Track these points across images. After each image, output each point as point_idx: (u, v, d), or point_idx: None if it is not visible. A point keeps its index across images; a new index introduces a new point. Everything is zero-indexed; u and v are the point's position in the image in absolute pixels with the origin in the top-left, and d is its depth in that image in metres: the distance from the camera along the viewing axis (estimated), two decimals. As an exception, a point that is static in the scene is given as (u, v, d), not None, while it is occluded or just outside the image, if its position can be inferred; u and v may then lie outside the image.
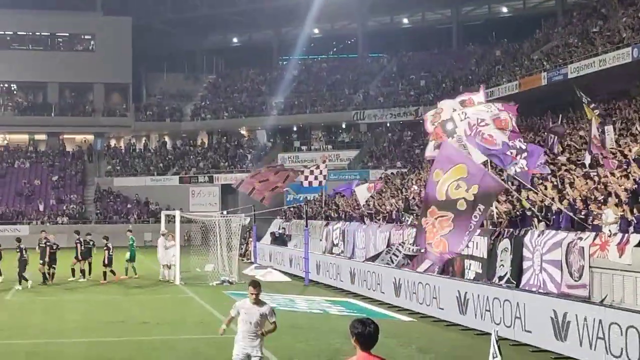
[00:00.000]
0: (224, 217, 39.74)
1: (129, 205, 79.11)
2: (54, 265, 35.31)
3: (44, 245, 35.35)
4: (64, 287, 33.79)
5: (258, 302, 12.25)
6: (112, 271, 36.47)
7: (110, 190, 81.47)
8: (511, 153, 23.55)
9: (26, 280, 33.36)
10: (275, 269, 39.94)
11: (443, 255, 21.77)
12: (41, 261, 35.00)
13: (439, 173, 21.91)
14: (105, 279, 36.02)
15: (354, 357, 7.77)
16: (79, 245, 36.54)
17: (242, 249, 44.48)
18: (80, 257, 36.39)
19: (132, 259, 38.52)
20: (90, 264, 36.93)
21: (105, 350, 18.67)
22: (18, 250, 33.87)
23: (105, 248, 36.36)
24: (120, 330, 21.73)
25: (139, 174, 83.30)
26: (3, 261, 34.97)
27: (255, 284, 12.34)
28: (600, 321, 16.17)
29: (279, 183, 44.10)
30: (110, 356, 17.80)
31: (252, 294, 12.19)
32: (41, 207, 76.80)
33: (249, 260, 46.40)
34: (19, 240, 35.11)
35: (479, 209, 20.75)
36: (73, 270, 36.77)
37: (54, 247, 35.61)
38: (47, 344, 19.56)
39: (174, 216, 37.31)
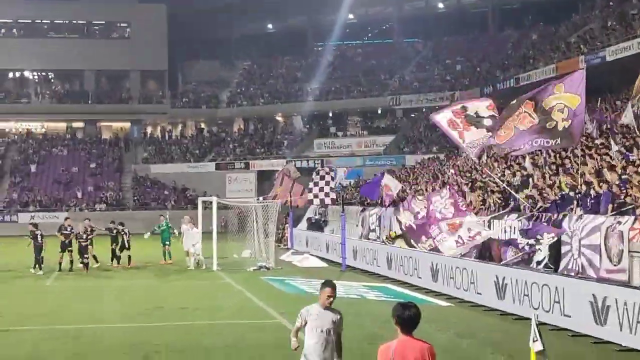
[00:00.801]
0: (260, 203, 39.88)
1: (165, 192, 79.56)
2: (85, 256, 35.20)
3: (68, 232, 35.38)
4: (102, 274, 34.09)
5: (331, 307, 10.27)
6: (129, 256, 36.97)
7: (147, 177, 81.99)
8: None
9: (40, 266, 33.80)
10: (312, 255, 40.04)
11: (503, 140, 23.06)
12: (69, 249, 35.09)
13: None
14: (129, 263, 36.73)
15: (391, 341, 7.83)
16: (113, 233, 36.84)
17: (278, 234, 44.59)
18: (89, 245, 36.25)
19: (164, 243, 38.60)
20: (113, 250, 37.12)
21: (147, 335, 18.85)
22: (32, 236, 34.26)
23: (122, 233, 36.79)
24: (160, 316, 21.92)
25: (176, 160, 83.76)
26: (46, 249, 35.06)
27: (333, 285, 10.27)
28: (640, 305, 16.06)
29: (298, 198, 44.64)
30: (149, 340, 17.96)
31: (328, 296, 10.14)
32: (79, 195, 77.47)
33: (286, 246, 46.55)
34: (35, 225, 35.49)
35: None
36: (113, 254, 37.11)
37: (84, 236, 35.52)
38: (88, 329, 19.77)
39: (211, 202, 37.51)
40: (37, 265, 33.83)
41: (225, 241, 38.99)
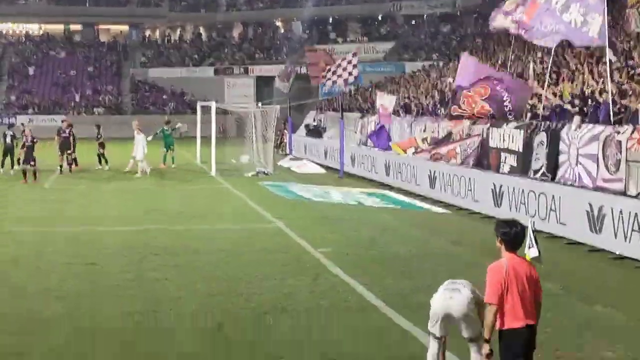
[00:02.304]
0: (259, 108, 39.76)
1: (164, 97, 79.30)
2: (67, 152, 35.52)
3: (66, 135, 35.42)
4: (100, 177, 34.19)
5: None
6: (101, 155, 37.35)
7: (146, 82, 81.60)
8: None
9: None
10: (310, 161, 40.11)
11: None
12: (68, 151, 35.25)
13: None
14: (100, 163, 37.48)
15: (500, 260, 7.92)
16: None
17: (277, 140, 44.59)
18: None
19: (167, 147, 38.54)
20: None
21: (144, 238, 18.99)
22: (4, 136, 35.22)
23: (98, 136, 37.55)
24: (157, 220, 22.04)
25: (174, 65, 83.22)
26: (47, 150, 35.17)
27: None
28: (636, 214, 16.17)
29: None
30: (147, 243, 18.12)
31: None
32: (77, 98, 77.21)
33: (284, 152, 46.61)
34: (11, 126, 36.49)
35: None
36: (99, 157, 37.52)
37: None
38: (87, 232, 19.93)
39: (210, 107, 37.39)
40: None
41: (223, 146, 38.98)
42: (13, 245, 18.02)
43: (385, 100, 35.81)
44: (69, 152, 35.35)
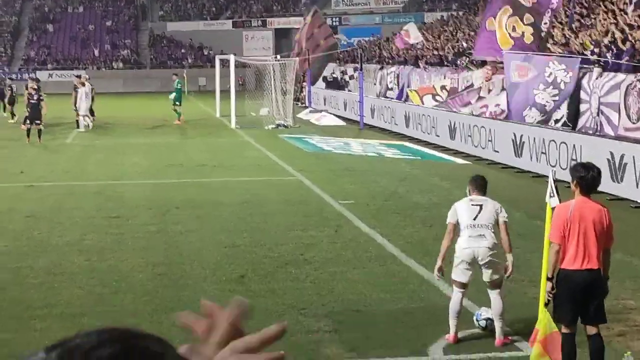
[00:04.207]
0: (278, 61, 39.65)
1: (182, 51, 79.17)
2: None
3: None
4: (122, 132, 34.30)
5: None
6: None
7: (164, 36, 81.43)
8: None
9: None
10: (330, 113, 40.07)
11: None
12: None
13: (492, 21, 22.23)
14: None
15: (569, 201, 7.95)
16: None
17: (296, 93, 44.49)
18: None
19: (176, 102, 38.18)
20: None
21: (165, 191, 19.14)
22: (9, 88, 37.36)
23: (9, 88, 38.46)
24: (179, 173, 22.16)
25: (192, 18, 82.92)
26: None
27: None
28: (657, 163, 16.12)
29: (321, 40, 44.09)
30: (170, 197, 18.25)
31: None
32: (96, 53, 77.25)
33: (304, 105, 46.55)
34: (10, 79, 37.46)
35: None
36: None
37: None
38: (110, 186, 20.07)
39: (228, 61, 37.32)
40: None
41: (243, 99, 38.97)
42: (35, 200, 18.17)
43: (413, 32, 35.79)
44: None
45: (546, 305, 7.90)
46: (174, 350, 1.18)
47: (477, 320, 9.27)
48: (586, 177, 7.91)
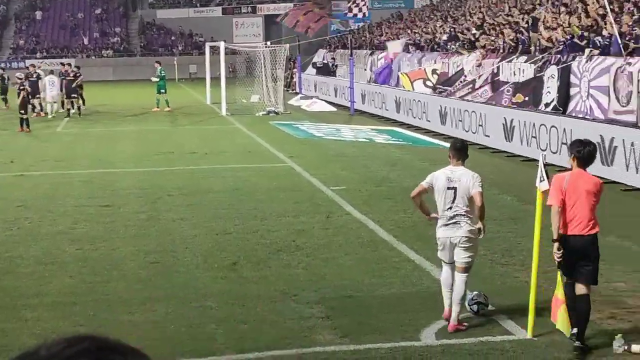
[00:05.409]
0: (268, 47, 39.59)
1: (172, 38, 78.94)
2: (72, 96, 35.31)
3: (71, 77, 35.12)
4: (111, 120, 34.22)
5: None
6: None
7: (154, 23, 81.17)
8: None
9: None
10: (320, 99, 40.03)
11: None
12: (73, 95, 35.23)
13: None
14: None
15: (566, 172, 8.70)
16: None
17: (287, 79, 44.43)
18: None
19: (161, 89, 37.81)
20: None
21: (156, 179, 19.11)
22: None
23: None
24: (170, 160, 22.14)
25: (182, 5, 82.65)
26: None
27: None
28: (647, 146, 16.16)
29: (324, 14, 43.88)
30: (161, 184, 18.23)
31: None
32: (86, 41, 76.97)
33: (294, 91, 46.51)
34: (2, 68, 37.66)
35: None
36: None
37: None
38: (101, 174, 20.04)
39: (219, 48, 37.24)
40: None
41: (233, 87, 38.91)
42: (26, 189, 18.13)
43: (396, 47, 35.96)
44: (74, 96, 35.17)
45: (558, 267, 8.41)
46: None
47: (468, 305, 9.31)
48: (582, 152, 8.53)
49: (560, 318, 8.24)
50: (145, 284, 10.83)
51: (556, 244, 8.34)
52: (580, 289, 8.41)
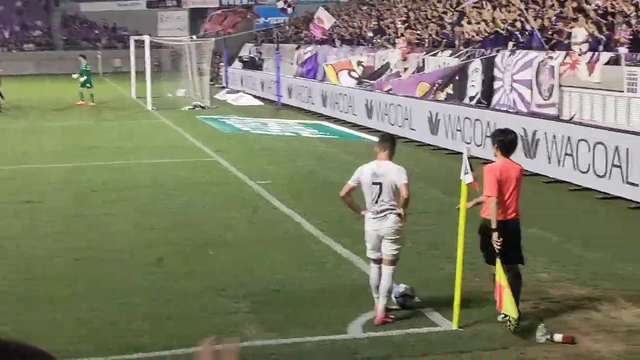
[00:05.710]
0: (193, 41, 39.32)
1: (96, 32, 77.86)
2: None
3: None
4: (35, 115, 33.63)
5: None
6: None
7: (77, 16, 79.95)
8: None
9: None
10: (247, 93, 39.92)
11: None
12: None
13: None
14: None
15: (495, 162, 9.02)
16: None
17: (213, 73, 44.17)
18: None
19: (85, 85, 36.90)
20: None
21: (81, 174, 18.87)
22: None
23: None
24: (95, 156, 21.84)
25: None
26: None
27: None
28: (569, 138, 16.48)
29: (241, 17, 43.97)
30: (87, 180, 18.00)
31: None
32: (6, 34, 75.46)
33: (220, 85, 46.29)
34: None
35: None
36: None
37: None
38: (25, 170, 19.69)
39: (143, 42, 36.87)
40: None
41: (159, 81, 38.55)
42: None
43: (325, 17, 35.73)
44: None
45: (497, 254, 8.62)
46: None
47: (395, 298, 9.39)
48: (504, 141, 8.94)
49: (506, 302, 8.46)
50: (71, 281, 10.68)
51: (496, 233, 8.61)
52: (516, 269, 8.89)
